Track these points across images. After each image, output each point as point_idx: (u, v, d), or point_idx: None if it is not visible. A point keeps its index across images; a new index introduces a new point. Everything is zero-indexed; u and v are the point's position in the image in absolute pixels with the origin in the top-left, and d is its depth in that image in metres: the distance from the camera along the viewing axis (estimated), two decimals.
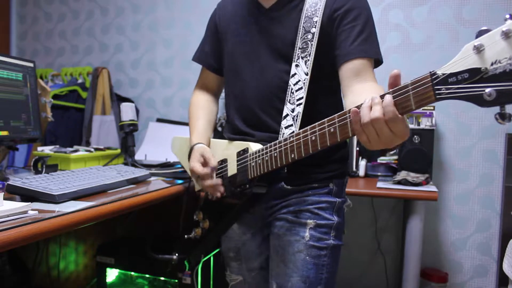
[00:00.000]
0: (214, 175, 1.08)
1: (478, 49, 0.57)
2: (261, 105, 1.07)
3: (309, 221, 1.04)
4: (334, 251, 1.06)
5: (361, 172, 2.04)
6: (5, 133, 1.30)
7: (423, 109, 1.97)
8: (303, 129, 0.87)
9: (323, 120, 0.83)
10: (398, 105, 0.68)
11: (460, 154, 2.14)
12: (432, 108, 1.97)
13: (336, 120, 0.80)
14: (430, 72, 0.63)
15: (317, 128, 0.84)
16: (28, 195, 0.97)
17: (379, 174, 2.06)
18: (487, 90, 0.56)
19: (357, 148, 2.05)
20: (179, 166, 1.62)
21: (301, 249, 1.03)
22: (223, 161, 1.12)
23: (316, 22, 1.00)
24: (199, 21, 2.59)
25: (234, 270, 1.23)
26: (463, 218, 2.14)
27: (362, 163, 2.04)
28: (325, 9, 1.00)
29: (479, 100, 0.58)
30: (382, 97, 0.71)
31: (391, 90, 0.70)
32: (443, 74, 0.61)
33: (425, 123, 1.97)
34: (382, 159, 2.05)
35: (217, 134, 2.21)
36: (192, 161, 1.10)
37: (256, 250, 1.18)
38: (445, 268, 2.16)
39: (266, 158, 0.96)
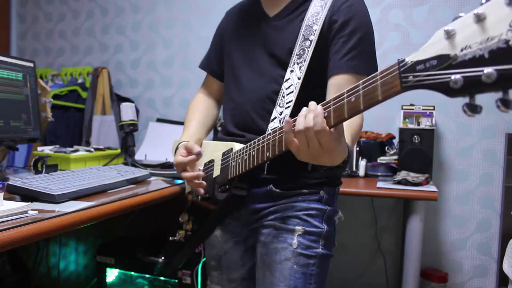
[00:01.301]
0: (198, 164, 1.08)
1: (449, 34, 0.52)
2: (254, 107, 1.07)
3: (297, 227, 1.00)
4: (323, 261, 1.02)
5: (361, 172, 2.04)
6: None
7: (423, 109, 1.97)
8: (280, 126, 0.86)
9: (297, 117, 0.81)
10: (365, 96, 0.65)
11: (460, 154, 2.14)
12: (432, 108, 1.97)
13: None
14: (398, 59, 0.59)
15: None
16: (28, 195, 0.97)
17: (379, 174, 2.05)
18: (453, 77, 0.50)
19: (357, 148, 2.05)
20: None
21: (289, 257, 0.99)
22: (210, 162, 1.12)
23: (315, 30, 1.00)
24: (199, 21, 2.59)
25: (214, 279, 1.19)
26: (463, 218, 2.14)
27: (362, 163, 2.04)
28: (326, 18, 1.00)
29: (445, 89, 0.52)
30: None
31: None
32: (411, 61, 0.57)
33: (425, 123, 1.97)
34: (382, 159, 2.05)
35: (217, 134, 2.21)
36: (176, 156, 1.11)
37: (238, 261, 1.14)
38: (445, 268, 2.16)
39: (245, 157, 0.95)
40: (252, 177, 1.01)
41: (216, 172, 1.08)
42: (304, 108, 0.74)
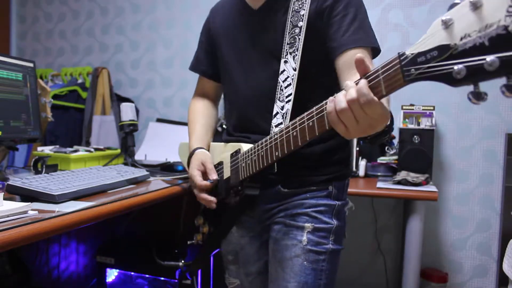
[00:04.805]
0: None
1: (447, 24, 0.52)
2: (254, 106, 1.06)
3: (306, 224, 1.01)
4: (333, 256, 1.03)
5: (361, 172, 2.04)
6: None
7: (423, 109, 1.97)
8: (286, 125, 0.85)
9: (303, 115, 0.80)
10: (371, 90, 0.64)
11: (460, 154, 2.14)
12: (432, 108, 1.97)
13: (314, 113, 0.77)
14: (399, 53, 0.59)
15: (297, 123, 0.82)
16: (28, 195, 0.97)
17: (379, 174, 2.05)
18: (456, 67, 0.50)
19: (357, 148, 2.05)
20: (180, 167, 1.62)
21: (299, 254, 1.00)
22: (219, 164, 1.12)
23: (303, 15, 0.97)
24: (199, 21, 2.57)
25: (232, 273, 1.22)
26: (463, 218, 2.14)
27: (362, 163, 2.04)
28: (312, 3, 0.97)
29: (449, 79, 0.52)
30: (357, 82, 0.67)
31: (363, 75, 0.66)
32: (412, 54, 0.56)
33: (425, 123, 1.97)
34: (382, 159, 2.05)
35: (218, 135, 2.21)
36: (192, 169, 1.10)
37: (254, 255, 1.16)
38: (445, 268, 2.16)
39: (255, 158, 0.95)
40: (262, 178, 1.01)
41: (226, 173, 1.08)
42: (342, 92, 0.69)
